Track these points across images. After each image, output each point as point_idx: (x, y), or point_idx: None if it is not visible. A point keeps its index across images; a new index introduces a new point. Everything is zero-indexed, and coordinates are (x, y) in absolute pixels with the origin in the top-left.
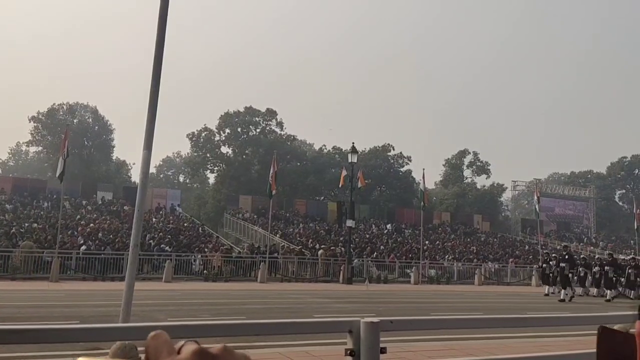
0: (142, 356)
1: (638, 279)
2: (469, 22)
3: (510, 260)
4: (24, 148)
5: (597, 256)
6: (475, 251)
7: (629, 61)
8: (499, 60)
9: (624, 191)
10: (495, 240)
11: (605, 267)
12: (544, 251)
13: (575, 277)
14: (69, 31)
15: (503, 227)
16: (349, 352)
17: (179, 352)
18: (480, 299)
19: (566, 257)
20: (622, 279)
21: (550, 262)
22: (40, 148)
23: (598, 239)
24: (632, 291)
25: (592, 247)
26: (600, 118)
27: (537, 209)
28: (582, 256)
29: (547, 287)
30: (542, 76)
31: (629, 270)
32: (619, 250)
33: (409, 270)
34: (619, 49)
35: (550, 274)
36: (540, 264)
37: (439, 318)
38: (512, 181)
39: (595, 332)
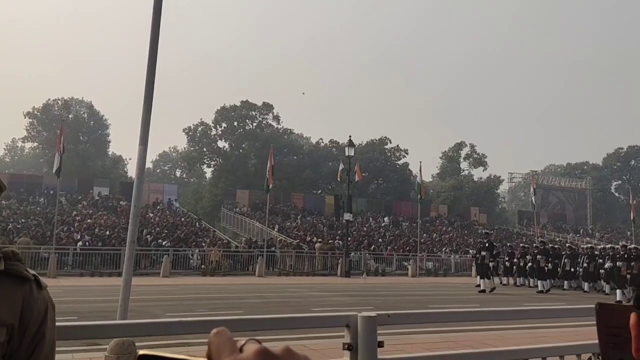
0: (204, 353)
1: (573, 269)
2: (466, 14)
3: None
4: (19, 144)
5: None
6: (472, 243)
7: (624, 52)
8: (496, 52)
9: (620, 182)
10: (492, 232)
11: (537, 256)
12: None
13: (502, 266)
14: (62, 25)
15: (500, 219)
16: (346, 346)
17: (241, 350)
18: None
19: (486, 245)
20: (559, 269)
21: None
22: (35, 144)
23: (594, 230)
24: (567, 281)
25: (588, 239)
26: (595, 109)
27: (534, 201)
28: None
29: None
30: (538, 68)
31: (565, 260)
32: (615, 241)
33: (406, 263)
34: (615, 40)
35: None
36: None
37: (436, 311)
38: (509, 173)
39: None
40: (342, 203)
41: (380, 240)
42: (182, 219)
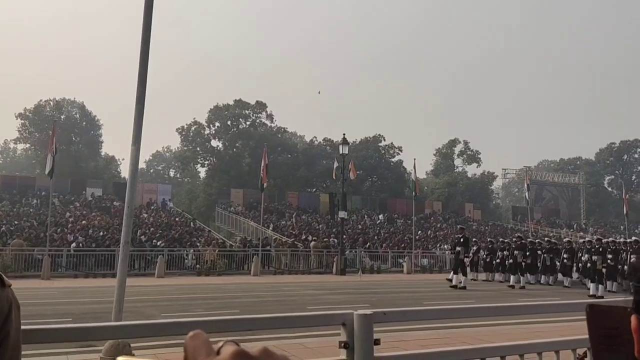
0: (181, 356)
1: (553, 263)
2: (460, 12)
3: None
4: (11, 145)
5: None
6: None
7: (618, 48)
8: (489, 49)
9: (612, 177)
10: (486, 228)
11: (515, 252)
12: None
13: (482, 262)
14: (54, 25)
15: (494, 215)
16: (343, 344)
17: (218, 353)
18: (471, 287)
19: (461, 240)
20: (539, 264)
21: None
22: (27, 145)
23: (588, 225)
24: (546, 277)
25: (581, 233)
26: (588, 105)
27: (528, 197)
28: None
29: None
30: (531, 65)
31: (544, 255)
32: (608, 236)
33: (401, 260)
34: (609, 36)
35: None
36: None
37: (432, 308)
38: (503, 169)
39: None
40: (337, 201)
41: (375, 237)
42: (177, 219)
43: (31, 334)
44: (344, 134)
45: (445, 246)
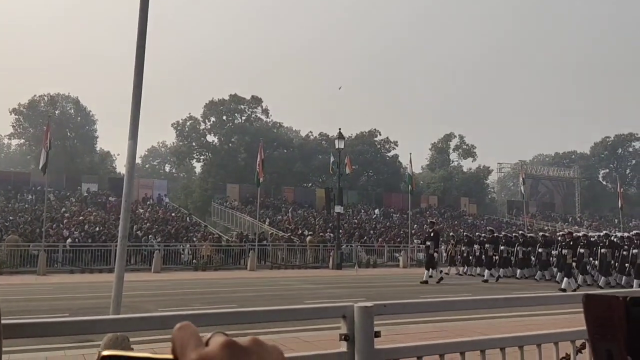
0: (169, 348)
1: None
2: (456, 8)
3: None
4: (5, 141)
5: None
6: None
7: (613, 43)
8: (485, 45)
9: (607, 170)
10: (482, 222)
11: (486, 245)
12: (450, 234)
13: (459, 257)
14: (49, 20)
15: (490, 209)
16: (343, 336)
17: (206, 344)
18: (465, 280)
19: (431, 234)
20: (513, 258)
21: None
22: (22, 140)
23: (583, 219)
24: (520, 270)
25: (576, 227)
26: (583, 99)
27: (523, 191)
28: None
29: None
30: (526, 60)
31: (517, 248)
32: (603, 229)
33: (397, 254)
34: (604, 32)
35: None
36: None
37: (432, 301)
38: (498, 163)
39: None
40: (333, 196)
41: (371, 232)
42: (173, 214)
43: (28, 328)
44: (339, 129)
45: (416, 241)
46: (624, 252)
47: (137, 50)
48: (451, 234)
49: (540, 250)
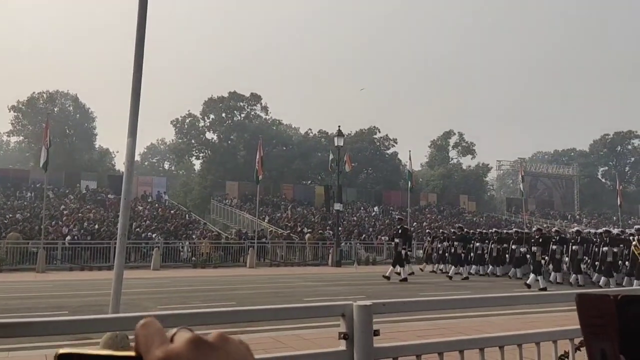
0: (132, 345)
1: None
2: (453, 5)
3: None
4: (4, 138)
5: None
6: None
7: (613, 41)
8: (483, 41)
9: (606, 168)
10: (481, 220)
11: (454, 242)
12: (427, 231)
13: (435, 254)
14: (47, 16)
15: (489, 207)
16: (342, 335)
17: (171, 340)
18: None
19: (399, 231)
20: (487, 255)
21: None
22: (21, 138)
23: (582, 216)
24: (482, 267)
25: (575, 224)
26: (583, 95)
27: (522, 188)
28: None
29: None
30: (525, 56)
31: (492, 245)
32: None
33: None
34: (602, 30)
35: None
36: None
37: (432, 299)
38: (497, 161)
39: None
40: (332, 193)
41: (370, 229)
42: (172, 212)
43: (27, 327)
44: (339, 126)
45: (384, 238)
46: (595, 249)
47: (136, 47)
48: (427, 230)
49: (514, 247)
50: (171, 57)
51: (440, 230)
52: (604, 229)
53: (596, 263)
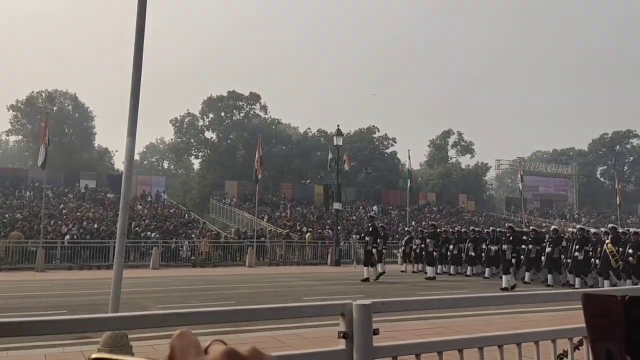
0: (167, 356)
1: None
2: (454, 6)
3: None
4: (3, 137)
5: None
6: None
7: (612, 40)
8: (483, 42)
9: (605, 167)
10: (480, 219)
11: (427, 240)
12: (405, 229)
13: (413, 253)
14: (46, 14)
15: (488, 206)
16: (342, 334)
17: (206, 352)
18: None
19: (370, 230)
20: (463, 254)
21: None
22: (20, 137)
23: (580, 215)
24: (470, 267)
25: (574, 224)
26: (582, 95)
27: (521, 187)
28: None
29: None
30: (523, 56)
31: (468, 244)
32: (601, 226)
33: (395, 251)
34: (600, 29)
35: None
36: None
37: (430, 299)
38: (496, 160)
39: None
40: (332, 192)
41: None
42: (171, 211)
43: (26, 327)
44: (338, 125)
45: (355, 236)
46: (549, 248)
47: (135, 46)
48: (406, 229)
49: (489, 246)
50: (171, 56)
51: (419, 229)
52: (578, 226)
53: (568, 261)
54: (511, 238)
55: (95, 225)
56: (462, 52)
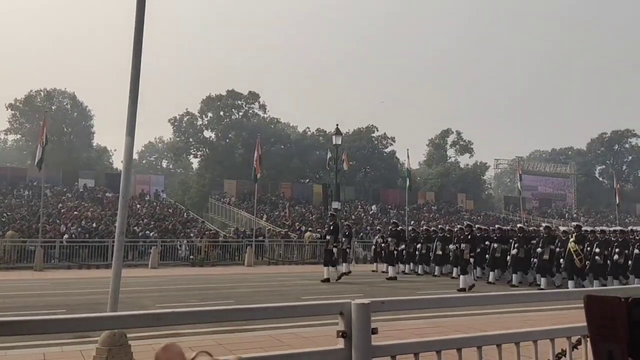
0: None
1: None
2: (452, 3)
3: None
4: (2, 136)
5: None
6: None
7: (612, 40)
8: (481, 39)
9: (603, 167)
10: (479, 218)
11: (388, 239)
12: (377, 228)
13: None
14: (45, 12)
15: (486, 205)
16: (340, 333)
17: None
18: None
19: (331, 228)
20: (431, 253)
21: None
22: (18, 136)
23: (579, 215)
24: (438, 267)
25: (573, 223)
26: (581, 94)
27: (520, 187)
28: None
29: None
30: (523, 54)
31: (437, 243)
32: (599, 225)
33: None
34: (599, 27)
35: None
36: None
37: (430, 297)
38: (495, 159)
39: (580, 306)
40: (330, 192)
41: (368, 228)
42: (170, 210)
43: (25, 326)
44: (337, 125)
45: (314, 234)
46: (514, 249)
47: (134, 45)
48: (378, 227)
49: (448, 246)
50: (170, 55)
51: (390, 228)
52: (544, 225)
53: (534, 260)
54: (469, 237)
55: (94, 225)
56: (462, 52)
